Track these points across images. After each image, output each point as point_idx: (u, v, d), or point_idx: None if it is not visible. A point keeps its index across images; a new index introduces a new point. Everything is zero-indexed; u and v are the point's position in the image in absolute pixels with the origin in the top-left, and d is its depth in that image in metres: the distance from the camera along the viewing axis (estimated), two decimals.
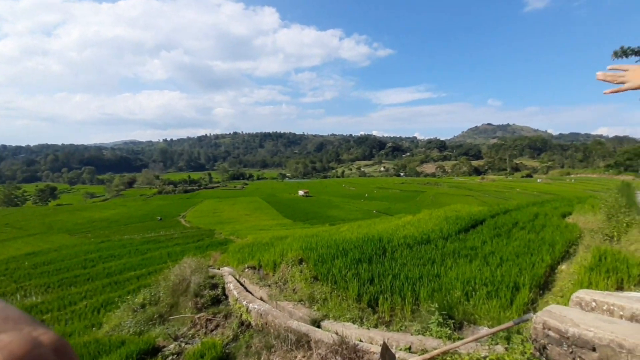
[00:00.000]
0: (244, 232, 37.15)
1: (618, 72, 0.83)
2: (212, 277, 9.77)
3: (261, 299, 7.05)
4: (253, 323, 6.13)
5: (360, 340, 3.91)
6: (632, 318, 2.13)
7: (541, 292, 5.70)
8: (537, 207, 15.92)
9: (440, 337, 3.64)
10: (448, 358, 2.72)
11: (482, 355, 2.65)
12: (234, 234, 38.02)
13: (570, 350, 2.04)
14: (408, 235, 9.89)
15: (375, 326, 4.61)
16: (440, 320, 4.02)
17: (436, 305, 4.25)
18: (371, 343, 3.91)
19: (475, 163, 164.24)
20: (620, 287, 4.80)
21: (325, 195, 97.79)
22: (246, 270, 9.09)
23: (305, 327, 4.50)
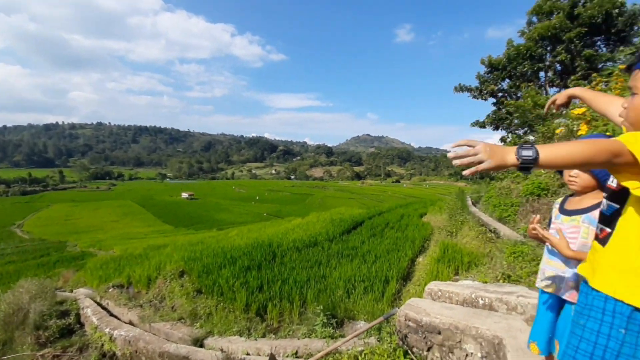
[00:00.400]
0: (109, 243, 31.34)
1: (467, 149, 0.86)
2: (62, 302, 7.84)
3: (130, 322, 6.05)
4: (119, 353, 5.19)
5: (248, 354, 3.78)
6: (464, 302, 2.72)
7: (404, 282, 6.73)
8: (402, 209, 18.90)
9: (324, 337, 3.85)
10: (330, 358, 2.88)
11: (359, 350, 2.90)
12: (95, 245, 31.70)
13: (424, 336, 2.44)
14: (297, 238, 10.20)
15: (264, 335, 4.54)
16: (325, 320, 4.26)
17: (321, 307, 4.48)
18: (259, 354, 3.82)
19: (357, 169, 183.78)
20: (456, 273, 6.09)
21: (213, 198, 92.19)
22: (111, 290, 7.67)
23: (185, 349, 4.07)
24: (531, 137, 11.67)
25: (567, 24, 12.92)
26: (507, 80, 16.14)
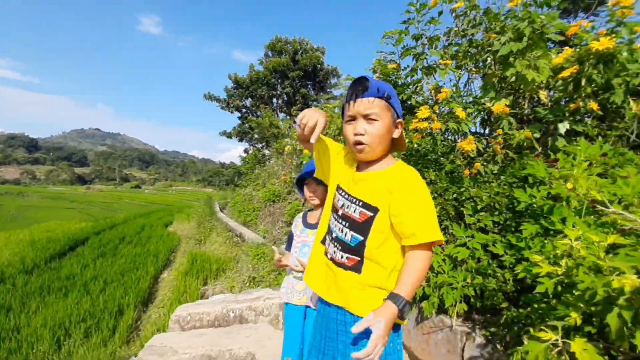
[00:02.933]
0: None
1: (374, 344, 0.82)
2: None
3: None
4: None
5: None
6: (215, 321, 2.56)
7: (145, 307, 5.76)
8: (144, 218, 16.62)
9: None
10: None
11: None
12: None
13: None
14: None
15: None
16: None
17: None
18: None
19: (79, 170, 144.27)
20: (205, 283, 5.94)
21: None
22: None
23: None
24: (267, 152, 13.88)
25: (291, 66, 16.55)
26: (250, 99, 18.38)
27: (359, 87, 0.95)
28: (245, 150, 17.45)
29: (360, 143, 0.97)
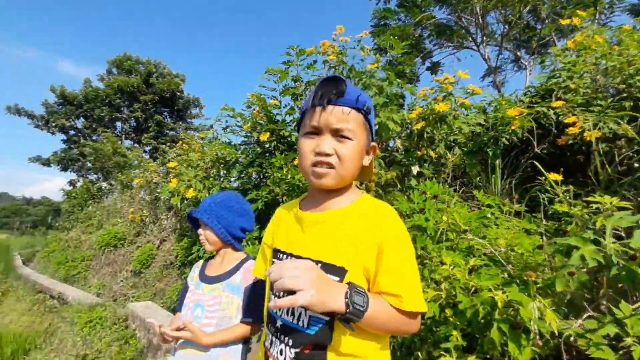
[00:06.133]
0: None
1: (289, 270, 0.60)
2: None
3: None
4: None
5: None
6: None
7: None
8: None
9: None
10: None
11: None
12: None
13: None
14: None
15: None
16: None
17: None
18: None
19: None
20: None
21: None
22: None
23: None
24: (104, 185, 11.33)
25: (143, 88, 14.66)
26: (83, 119, 14.96)
27: (333, 89, 0.69)
28: (72, 183, 13.72)
29: (323, 164, 0.70)
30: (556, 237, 1.52)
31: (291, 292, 0.59)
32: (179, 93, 14.63)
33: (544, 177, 1.74)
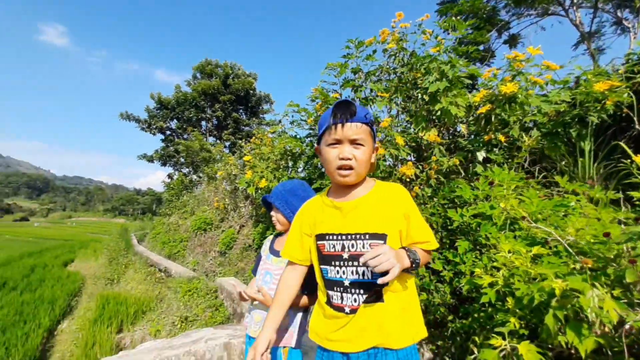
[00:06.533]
0: None
1: (379, 255, 0.83)
2: None
3: None
4: None
5: None
6: None
7: None
8: (34, 258, 13.73)
9: None
10: None
11: None
12: None
13: None
14: None
15: None
16: None
17: None
18: None
19: None
20: (120, 330, 5.08)
21: None
22: None
23: None
24: (195, 177, 13.01)
25: (222, 89, 16.20)
26: (176, 121, 17.25)
27: (347, 111, 0.95)
28: (170, 176, 16.06)
29: (346, 168, 0.96)
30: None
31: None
32: (252, 91, 15.84)
33: (630, 160, 1.55)
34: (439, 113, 2.57)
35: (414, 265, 0.93)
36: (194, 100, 16.10)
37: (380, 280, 0.85)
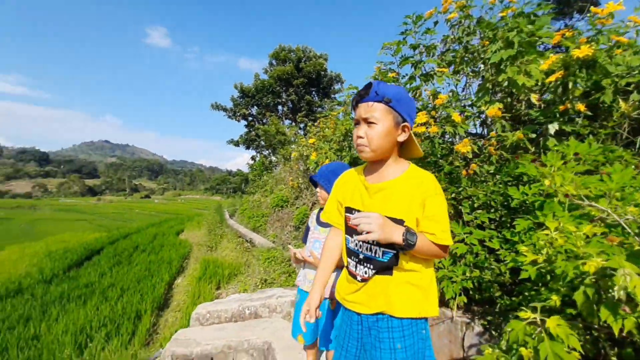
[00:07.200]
0: None
1: (364, 218, 0.93)
2: None
3: None
4: None
5: None
6: (232, 318, 2.74)
7: (161, 312, 5.97)
8: (155, 227, 16.97)
9: None
10: None
11: None
12: None
13: None
14: None
15: None
16: None
17: None
18: None
19: (90, 182, 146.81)
20: (218, 287, 6.13)
21: None
22: None
23: None
24: (274, 158, 14.14)
25: (295, 73, 16.85)
26: (256, 107, 18.71)
27: (361, 92, 1.02)
28: (253, 158, 17.75)
29: (360, 145, 1.04)
30: None
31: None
32: (323, 72, 16.14)
33: None
34: (505, 84, 2.40)
35: (405, 245, 0.94)
36: (271, 87, 17.19)
37: (353, 240, 0.98)
